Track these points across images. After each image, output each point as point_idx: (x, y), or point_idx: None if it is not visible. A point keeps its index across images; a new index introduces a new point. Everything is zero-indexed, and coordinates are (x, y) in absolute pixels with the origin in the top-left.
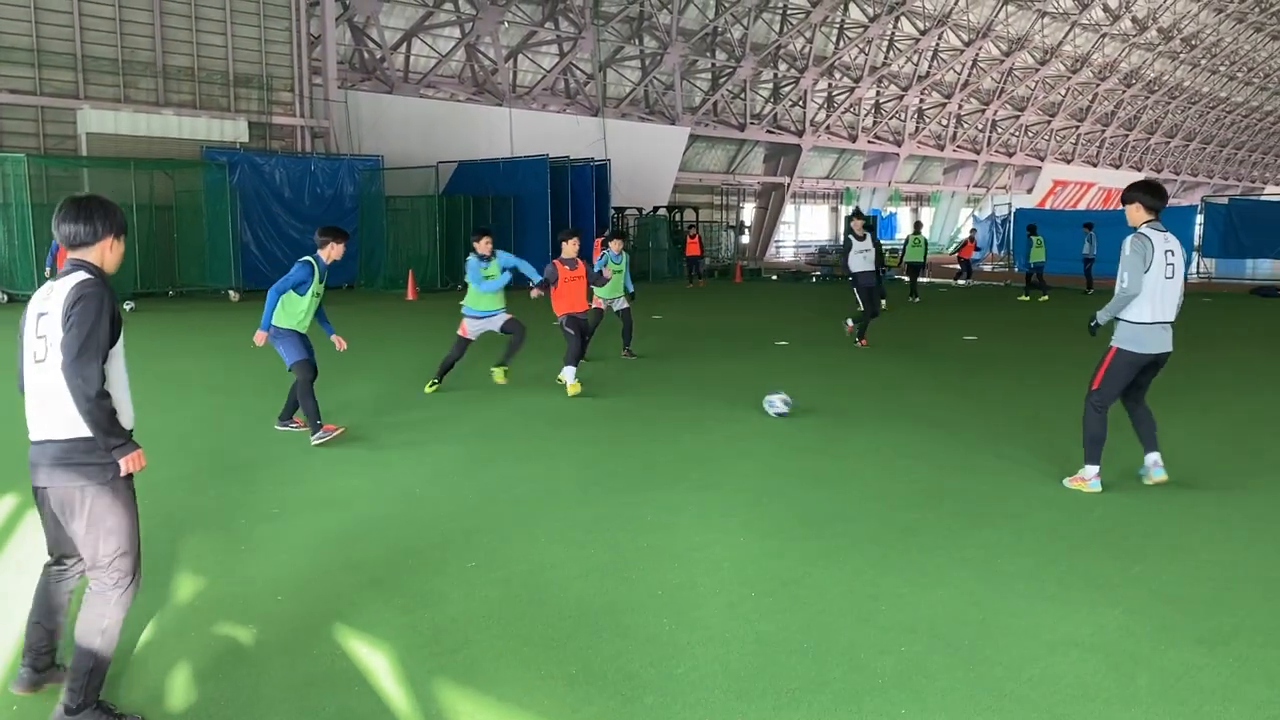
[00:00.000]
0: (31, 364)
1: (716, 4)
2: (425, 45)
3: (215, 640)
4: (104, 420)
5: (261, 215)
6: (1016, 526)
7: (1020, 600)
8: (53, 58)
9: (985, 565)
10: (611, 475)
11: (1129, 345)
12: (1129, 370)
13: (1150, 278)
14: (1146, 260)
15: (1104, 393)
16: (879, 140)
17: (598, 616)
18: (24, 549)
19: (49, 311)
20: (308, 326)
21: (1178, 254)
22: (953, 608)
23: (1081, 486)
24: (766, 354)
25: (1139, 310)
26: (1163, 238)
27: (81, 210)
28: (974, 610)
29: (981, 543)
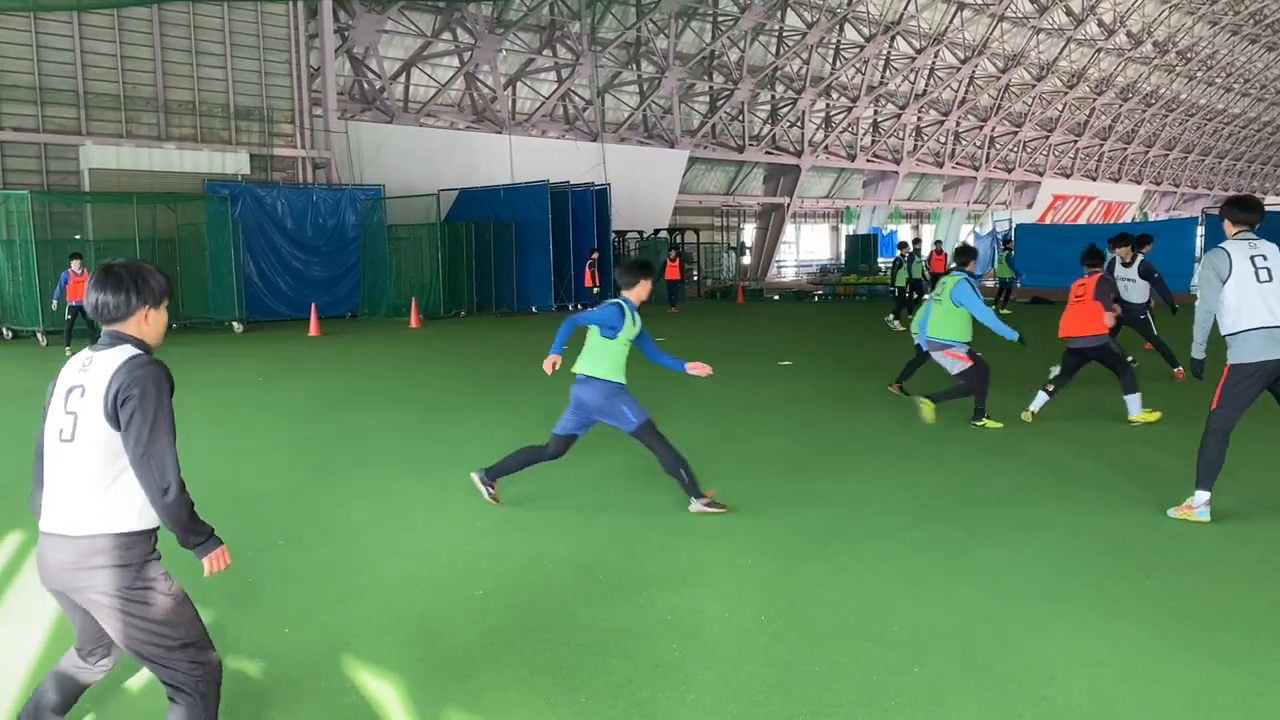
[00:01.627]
0: (56, 442)
1: (713, 28)
2: (424, 75)
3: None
4: (184, 515)
5: (264, 247)
6: (1027, 543)
7: (1034, 617)
8: (55, 95)
9: (997, 582)
10: (616, 501)
11: (1238, 358)
12: (1247, 383)
13: (1232, 286)
14: (1222, 273)
15: (1222, 412)
16: (878, 159)
17: (606, 643)
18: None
19: (84, 385)
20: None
21: (1272, 257)
22: (965, 626)
23: (1189, 515)
24: (768, 374)
25: (1235, 320)
26: (1247, 245)
27: (111, 279)
28: (987, 628)
29: (992, 560)
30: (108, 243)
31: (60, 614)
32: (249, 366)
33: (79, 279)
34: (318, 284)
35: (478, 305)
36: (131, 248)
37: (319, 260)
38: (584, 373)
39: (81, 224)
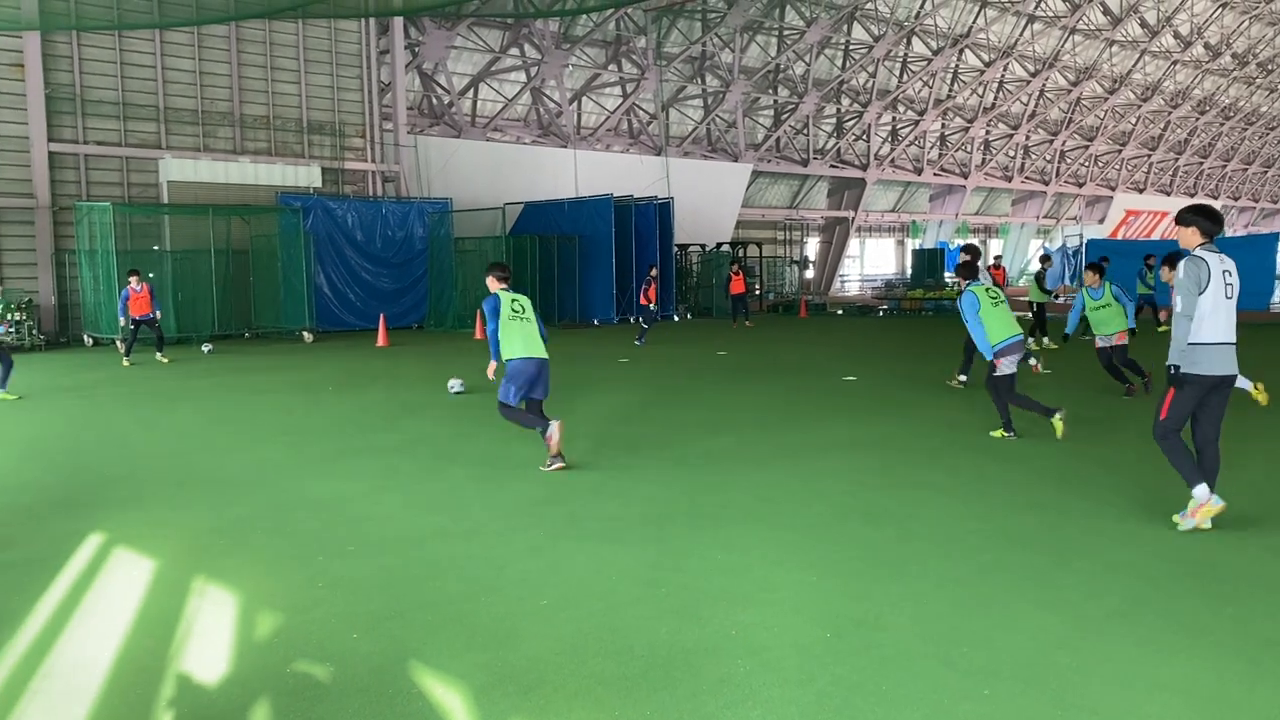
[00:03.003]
0: None
1: (778, 42)
2: (492, 90)
3: (294, 678)
4: None
5: (334, 258)
6: (1101, 566)
7: (1110, 643)
8: (137, 110)
9: (1071, 606)
10: (682, 514)
11: (1191, 368)
12: (1194, 393)
13: (1208, 298)
14: (1202, 282)
15: (1170, 420)
16: (945, 173)
17: (671, 657)
18: (109, 587)
19: None
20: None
21: (1234, 274)
22: (1038, 651)
23: (1207, 513)
24: (833, 389)
25: (1197, 330)
26: (1218, 259)
27: None
28: (1061, 653)
29: (1065, 583)
30: (184, 253)
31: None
32: (318, 375)
33: (138, 295)
34: (386, 295)
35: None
36: (207, 258)
37: (387, 272)
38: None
39: (159, 235)
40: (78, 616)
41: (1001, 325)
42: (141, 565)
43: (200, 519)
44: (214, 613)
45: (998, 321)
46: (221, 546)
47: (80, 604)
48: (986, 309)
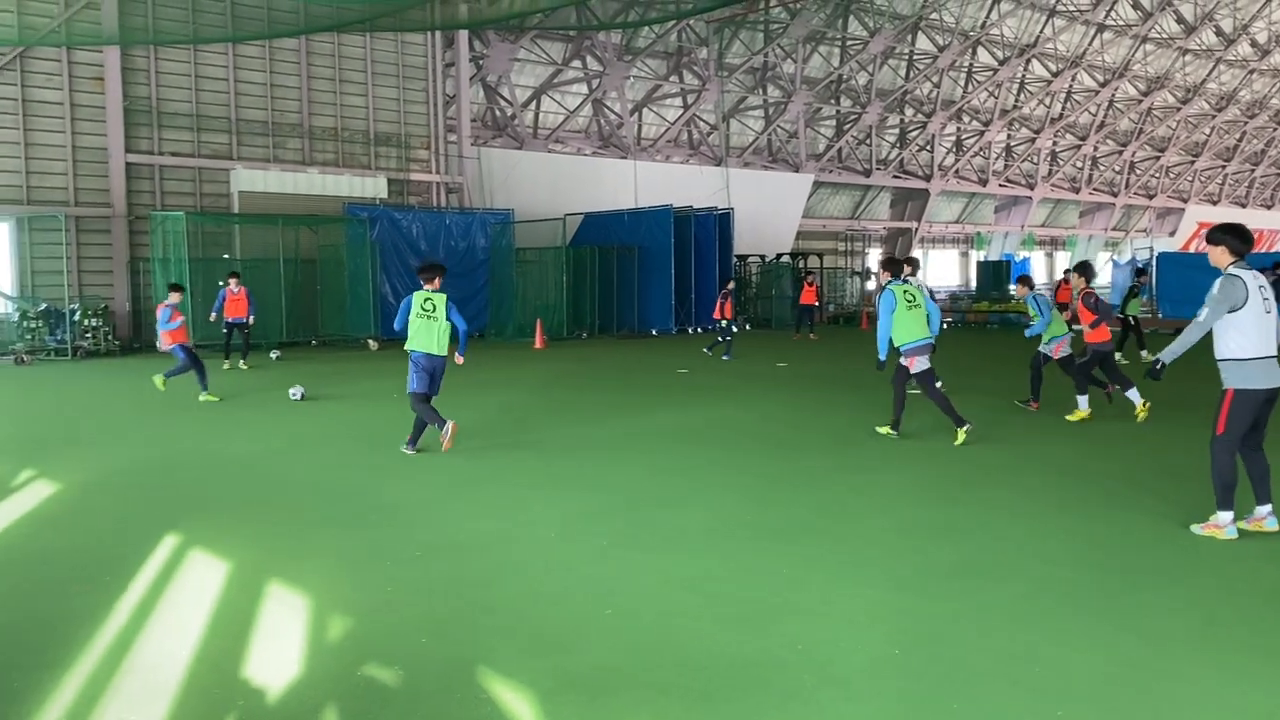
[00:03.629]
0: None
1: (841, 52)
2: (554, 102)
3: (364, 682)
4: None
5: (399, 268)
6: (1178, 584)
7: (1186, 665)
8: (210, 122)
9: (1143, 625)
10: (743, 526)
11: (1244, 384)
12: (1249, 409)
13: (1248, 314)
14: (1237, 300)
15: (1229, 436)
16: (1010, 184)
17: (736, 670)
18: (187, 584)
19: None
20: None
21: (1269, 290)
22: (1112, 672)
23: (1216, 534)
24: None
25: (1242, 346)
26: (1251, 275)
27: None
28: (1136, 674)
29: (1140, 602)
30: (254, 261)
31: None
32: (383, 383)
33: (235, 297)
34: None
35: (599, 327)
36: (276, 267)
37: (450, 282)
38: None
39: (230, 244)
40: (155, 615)
41: (912, 327)
42: (216, 566)
43: (272, 521)
44: (286, 614)
45: (910, 323)
46: (293, 549)
47: (158, 603)
48: (901, 310)
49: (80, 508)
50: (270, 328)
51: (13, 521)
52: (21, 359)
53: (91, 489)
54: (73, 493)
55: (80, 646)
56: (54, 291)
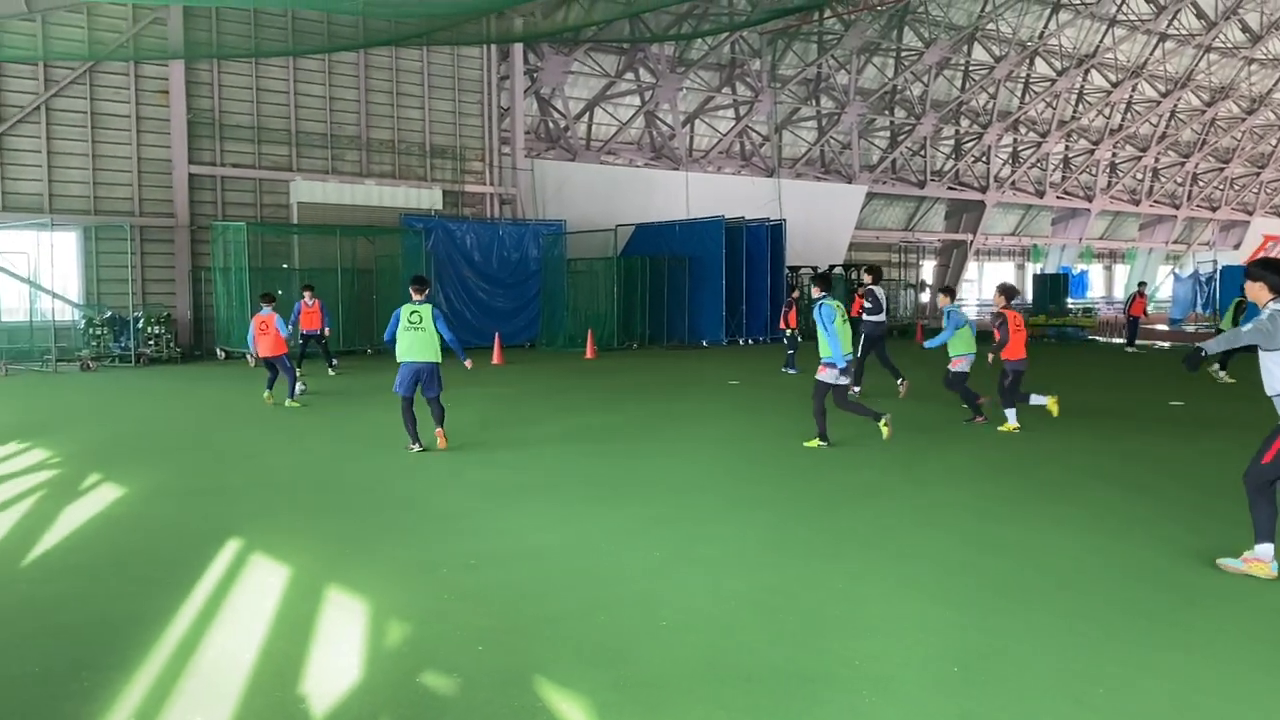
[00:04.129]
0: None
1: (896, 63)
2: (606, 114)
3: (422, 689)
4: None
5: (453, 278)
6: (1244, 609)
7: (1256, 693)
8: (270, 134)
9: (1208, 648)
10: (798, 541)
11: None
12: None
13: None
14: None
15: (1271, 468)
16: (1068, 195)
17: (793, 685)
18: (251, 590)
19: None
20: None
21: None
22: (1178, 694)
23: (1255, 568)
24: (953, 416)
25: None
26: None
27: None
28: (1204, 699)
29: (1198, 622)
30: (312, 271)
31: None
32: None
33: (309, 310)
34: (501, 314)
35: (649, 338)
36: (334, 277)
37: (502, 292)
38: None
39: (289, 254)
40: (219, 618)
41: (847, 342)
42: (276, 571)
43: (331, 528)
44: (345, 620)
45: (847, 338)
46: (351, 556)
47: (221, 607)
48: (839, 322)
49: (145, 511)
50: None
51: (82, 524)
52: (87, 365)
53: (156, 493)
54: (138, 497)
55: (147, 648)
56: (118, 299)
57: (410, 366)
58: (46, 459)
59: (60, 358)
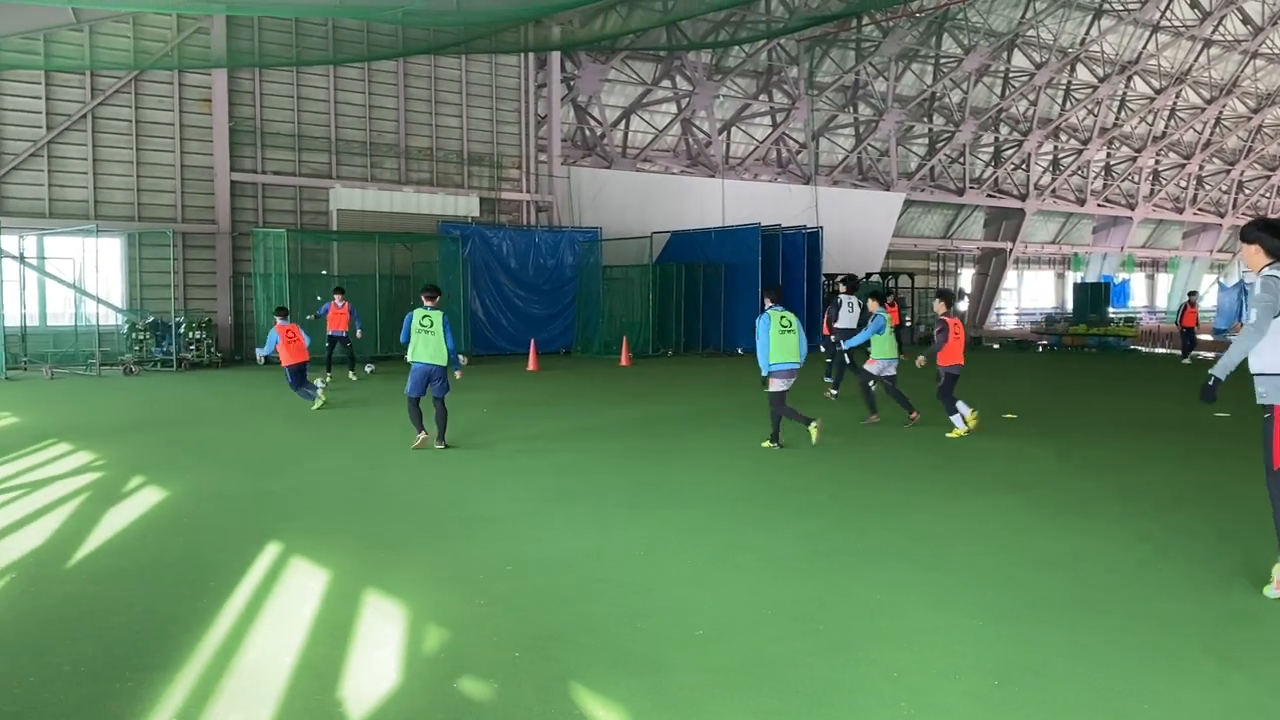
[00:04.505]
0: None
1: (934, 70)
2: (643, 121)
3: (459, 693)
4: None
5: (490, 285)
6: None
7: None
8: (310, 142)
9: (1258, 667)
10: (836, 550)
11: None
12: None
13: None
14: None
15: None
16: (1109, 203)
17: (830, 695)
18: (290, 592)
19: None
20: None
21: None
22: (1227, 714)
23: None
24: (991, 428)
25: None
26: None
27: None
28: (1253, 717)
29: (1248, 640)
30: (351, 277)
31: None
32: (474, 397)
33: (339, 311)
34: (536, 321)
35: (684, 345)
36: (372, 283)
37: (538, 299)
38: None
39: (328, 260)
40: (259, 621)
41: (783, 350)
42: (315, 574)
43: (369, 532)
44: (383, 624)
45: (781, 347)
46: (389, 561)
47: (261, 609)
48: (775, 333)
49: (187, 514)
50: (365, 342)
51: (125, 527)
52: (130, 369)
53: (197, 497)
54: (180, 500)
55: (189, 649)
56: (161, 305)
57: (423, 368)
58: (91, 461)
59: (104, 362)
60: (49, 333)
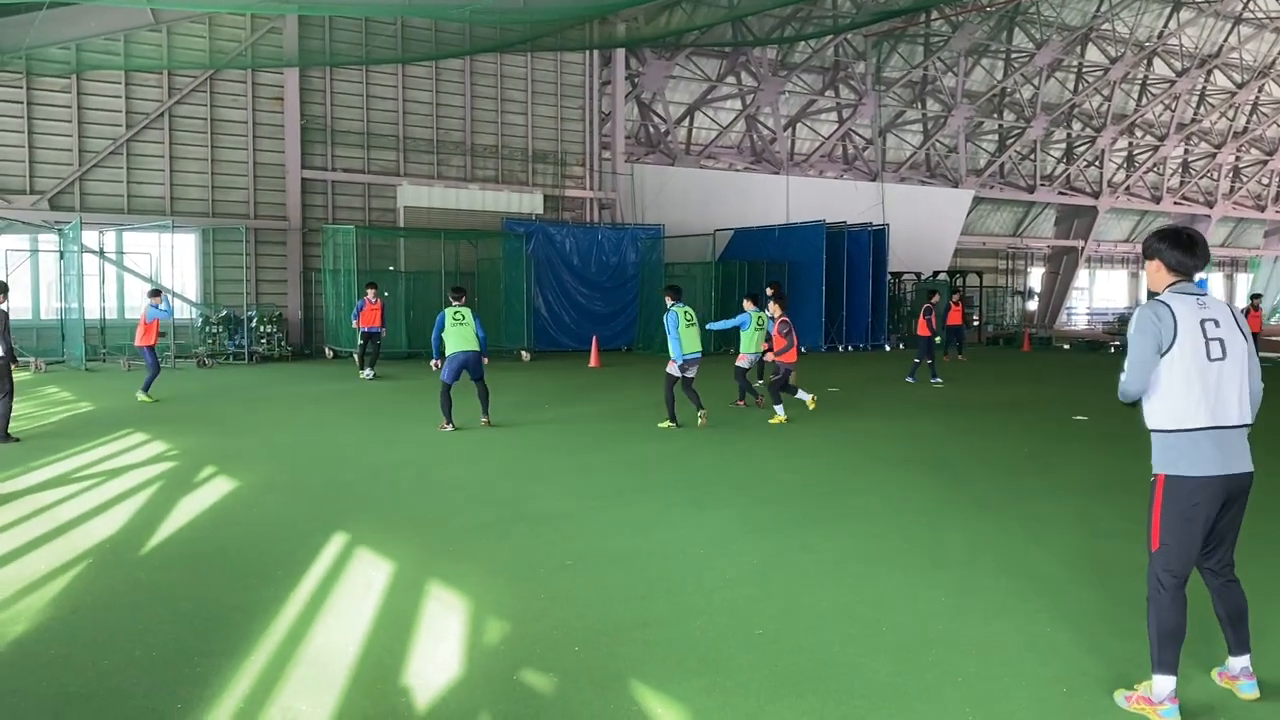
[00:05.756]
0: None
1: (1005, 64)
2: (707, 118)
3: (520, 686)
4: None
5: (552, 282)
6: None
7: None
8: (379, 140)
9: None
10: (898, 551)
11: (1178, 468)
12: (1191, 509)
13: (1180, 362)
14: (1164, 340)
15: (1169, 553)
16: (1187, 201)
17: (891, 699)
18: (355, 582)
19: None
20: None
21: (1225, 323)
22: None
23: (1147, 711)
24: (1061, 430)
25: (1174, 412)
26: (1194, 303)
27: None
28: None
29: None
30: (416, 274)
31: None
32: (535, 393)
33: (373, 307)
34: (598, 318)
35: None
36: (437, 279)
37: (600, 296)
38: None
39: (395, 256)
40: (324, 610)
41: (691, 341)
42: (380, 566)
43: (432, 525)
44: (446, 615)
45: (689, 338)
46: (451, 553)
47: (327, 599)
48: (683, 327)
49: (255, 504)
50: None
51: (196, 515)
52: (203, 361)
53: (266, 487)
54: (249, 490)
55: (256, 637)
56: (233, 299)
57: (460, 356)
58: (164, 451)
59: (179, 354)
60: (127, 325)
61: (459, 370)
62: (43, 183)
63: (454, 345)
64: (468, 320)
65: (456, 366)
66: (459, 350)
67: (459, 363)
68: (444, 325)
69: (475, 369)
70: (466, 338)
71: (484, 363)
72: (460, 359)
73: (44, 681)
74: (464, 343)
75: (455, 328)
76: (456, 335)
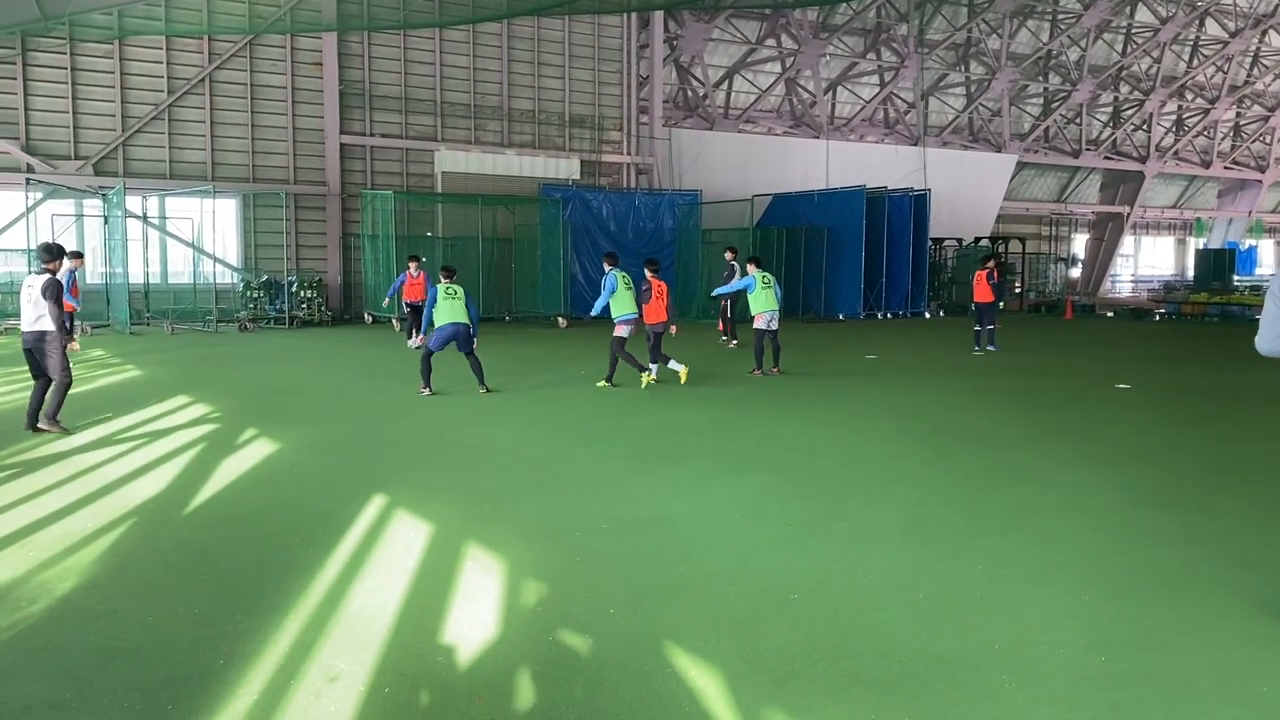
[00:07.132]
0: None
1: (1051, 26)
2: (746, 81)
3: (556, 647)
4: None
5: (589, 247)
6: None
7: None
8: (417, 105)
9: None
10: (936, 519)
11: None
12: None
13: None
14: None
15: None
16: (1238, 166)
17: (928, 664)
18: (393, 545)
19: (33, 286)
20: None
21: None
22: None
23: None
24: (1102, 397)
25: None
26: None
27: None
28: None
29: None
30: (454, 239)
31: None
32: (571, 359)
33: (414, 280)
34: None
35: (784, 311)
36: (474, 245)
37: (637, 262)
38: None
39: (432, 222)
40: (364, 570)
41: (625, 304)
42: (418, 527)
43: (470, 487)
44: (483, 577)
45: (624, 300)
46: (488, 515)
47: (366, 559)
48: (621, 289)
49: (297, 465)
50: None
51: (239, 476)
52: (245, 326)
53: (307, 448)
54: (291, 451)
55: (297, 595)
56: (274, 264)
57: (448, 328)
58: (208, 413)
59: (220, 319)
60: (169, 290)
61: (445, 341)
62: (87, 148)
63: (443, 318)
64: (459, 296)
65: (444, 338)
66: (448, 322)
67: (447, 334)
68: (436, 301)
69: (464, 343)
70: (456, 310)
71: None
72: (449, 331)
73: (92, 635)
74: (453, 314)
75: (446, 301)
76: (447, 308)
